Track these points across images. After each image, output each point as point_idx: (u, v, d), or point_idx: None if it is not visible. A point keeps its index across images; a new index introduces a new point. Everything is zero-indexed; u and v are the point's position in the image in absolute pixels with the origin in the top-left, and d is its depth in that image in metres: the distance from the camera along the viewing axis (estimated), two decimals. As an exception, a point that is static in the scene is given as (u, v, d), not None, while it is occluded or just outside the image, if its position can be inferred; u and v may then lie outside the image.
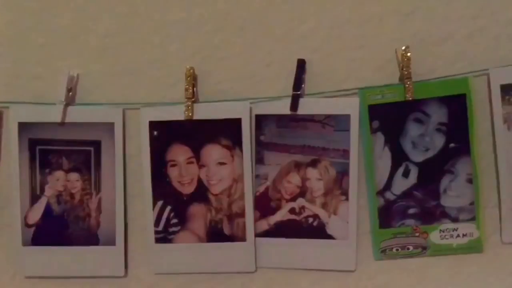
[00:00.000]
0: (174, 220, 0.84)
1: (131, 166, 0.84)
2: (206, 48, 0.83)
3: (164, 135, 0.83)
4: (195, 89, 0.82)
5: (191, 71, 0.82)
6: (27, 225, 0.84)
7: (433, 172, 0.81)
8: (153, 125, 0.83)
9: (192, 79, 0.82)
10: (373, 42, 0.81)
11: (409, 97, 0.79)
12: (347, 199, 0.82)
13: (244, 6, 0.82)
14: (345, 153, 0.81)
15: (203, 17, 0.83)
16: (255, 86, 0.83)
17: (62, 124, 0.83)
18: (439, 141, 0.80)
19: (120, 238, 0.84)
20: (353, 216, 0.82)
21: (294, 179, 0.82)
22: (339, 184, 0.82)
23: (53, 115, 0.82)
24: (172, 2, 0.83)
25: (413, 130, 0.80)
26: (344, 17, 0.81)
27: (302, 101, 0.82)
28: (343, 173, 0.81)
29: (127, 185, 0.85)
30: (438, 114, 0.80)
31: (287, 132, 0.82)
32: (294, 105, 0.81)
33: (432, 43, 0.81)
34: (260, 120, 0.82)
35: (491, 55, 0.80)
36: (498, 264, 0.83)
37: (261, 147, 0.83)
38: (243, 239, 0.83)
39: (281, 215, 0.83)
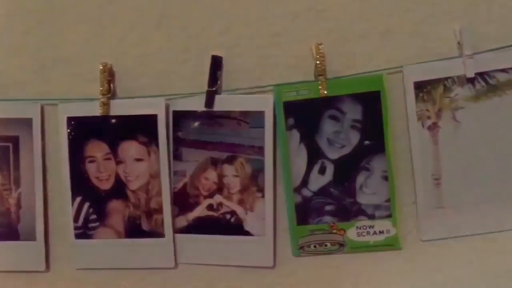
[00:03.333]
0: (93, 216, 0.84)
1: (50, 162, 0.85)
2: (124, 44, 0.83)
3: (82, 131, 0.83)
4: (112, 85, 0.82)
5: (107, 67, 0.81)
6: None
7: (348, 169, 0.81)
8: (71, 120, 0.83)
9: (108, 75, 0.82)
10: (288, 39, 0.81)
11: (323, 94, 0.79)
12: (263, 196, 0.82)
13: (160, 3, 0.82)
14: (261, 150, 0.81)
15: (120, 13, 0.82)
16: (172, 83, 0.83)
17: (-20, 119, 0.83)
18: (354, 138, 0.80)
19: (40, 233, 0.84)
20: (270, 212, 0.82)
21: (211, 175, 0.83)
22: (255, 180, 0.82)
23: (-29, 110, 0.83)
24: (88, -2, 0.83)
25: (328, 127, 0.80)
26: (259, 14, 0.81)
27: (218, 98, 0.81)
28: (259, 170, 0.81)
29: (47, 181, 0.84)
30: (353, 111, 0.80)
31: (204, 128, 0.82)
32: (209, 102, 0.81)
33: (348, 40, 0.80)
34: (178, 117, 0.82)
35: (406, 53, 0.79)
36: (417, 261, 0.83)
37: (178, 143, 0.83)
38: (161, 235, 0.83)
39: (199, 212, 0.83)
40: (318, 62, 0.79)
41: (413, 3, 0.79)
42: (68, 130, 0.83)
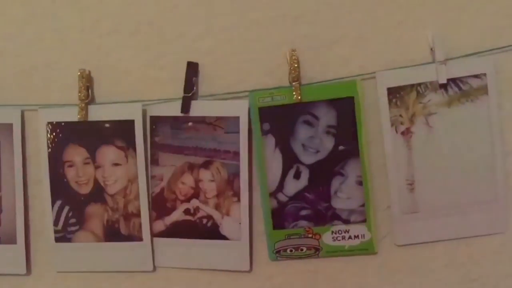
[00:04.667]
0: (73, 220, 0.85)
1: (30, 166, 0.86)
2: (102, 51, 0.84)
3: (61, 136, 0.84)
4: (90, 91, 0.83)
5: (85, 73, 0.83)
6: None
7: (323, 174, 0.82)
8: (51, 126, 0.84)
9: (86, 81, 0.83)
10: (263, 45, 0.82)
11: (297, 99, 0.80)
12: (239, 200, 0.82)
13: (137, 10, 0.83)
14: (236, 155, 0.82)
15: (98, 20, 0.84)
16: (150, 88, 0.84)
17: (-38, 124, 0.84)
18: (328, 143, 0.81)
19: (21, 236, 0.86)
20: (245, 217, 0.83)
21: (188, 180, 0.84)
22: (231, 185, 0.82)
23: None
24: (67, 5, 0.84)
25: (302, 132, 0.81)
26: (235, 20, 0.82)
27: (194, 103, 0.83)
28: (235, 174, 0.82)
29: (27, 185, 0.86)
30: (327, 117, 0.81)
31: (180, 133, 0.83)
32: (185, 107, 0.82)
33: (322, 46, 0.81)
34: (155, 122, 0.84)
35: (379, 59, 0.80)
36: (392, 266, 0.84)
37: (156, 148, 0.84)
38: (139, 239, 0.84)
39: (176, 216, 0.84)
40: (292, 68, 0.80)
41: (386, 9, 0.80)
42: (48, 135, 0.84)
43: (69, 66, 0.84)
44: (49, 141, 0.84)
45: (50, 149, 0.84)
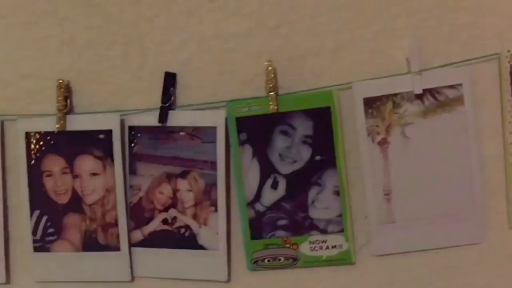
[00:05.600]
0: (51, 229, 0.85)
1: (10, 176, 0.86)
2: (81, 61, 0.84)
3: (40, 146, 0.84)
4: (69, 101, 0.84)
5: (63, 83, 0.83)
6: None
7: (300, 184, 0.82)
8: (29, 136, 0.84)
9: (65, 91, 0.83)
10: (241, 56, 0.82)
11: (273, 109, 0.80)
12: (216, 210, 0.82)
13: (116, 21, 0.83)
14: (213, 164, 0.82)
15: (77, 31, 0.84)
16: (128, 99, 0.84)
17: None
18: (305, 153, 0.81)
19: (0, 246, 0.86)
20: (223, 227, 0.83)
21: (166, 190, 0.84)
22: (208, 195, 0.83)
23: None
24: (47, 16, 0.84)
25: (279, 142, 0.81)
26: (213, 30, 0.82)
27: (172, 113, 0.83)
28: (212, 184, 0.82)
29: (6, 194, 0.86)
30: (304, 127, 0.81)
31: (158, 143, 0.83)
32: (162, 117, 0.82)
33: (299, 56, 0.81)
34: (133, 132, 0.84)
35: (356, 69, 0.80)
36: (370, 276, 0.84)
37: (134, 158, 0.84)
38: (117, 248, 0.84)
39: (154, 226, 0.84)
40: (268, 78, 0.80)
41: (363, 20, 0.80)
42: (27, 145, 0.84)
43: (48, 76, 0.85)
44: (28, 151, 0.84)
45: (29, 159, 0.84)
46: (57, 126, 0.83)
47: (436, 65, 0.79)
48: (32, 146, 0.84)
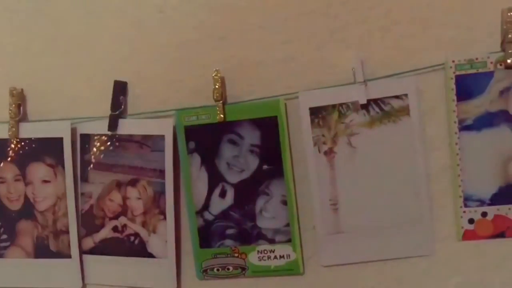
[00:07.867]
0: (4, 236, 0.86)
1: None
2: (34, 70, 0.86)
3: (-7, 153, 0.85)
4: (21, 108, 0.85)
5: (16, 90, 0.84)
6: None
7: (248, 193, 0.82)
8: (-16, 143, 0.85)
9: (17, 98, 0.84)
10: (191, 65, 0.83)
11: (220, 118, 0.81)
12: (165, 218, 0.83)
13: (68, 30, 0.85)
14: (162, 173, 0.82)
15: (30, 40, 0.85)
16: (80, 107, 0.85)
17: None
18: (253, 162, 0.81)
19: (-46, 252, 0.87)
20: (171, 235, 0.83)
21: (116, 197, 0.84)
22: (157, 203, 0.83)
23: None
24: (0, 25, 0.86)
25: (227, 151, 0.82)
26: (163, 40, 0.83)
27: (122, 121, 0.84)
28: (161, 192, 0.83)
29: (-37, 202, 0.87)
30: (251, 136, 0.81)
31: (109, 151, 0.84)
32: (112, 125, 0.83)
33: (247, 66, 0.82)
34: (85, 140, 0.85)
35: (304, 79, 0.80)
36: (319, 287, 0.83)
37: (86, 165, 0.85)
38: (68, 255, 0.85)
39: (105, 233, 0.85)
40: (215, 87, 0.81)
41: (310, 30, 0.80)
42: (-19, 152, 0.86)
43: (1, 84, 0.86)
44: (-19, 158, 0.85)
45: (-18, 166, 0.85)
46: (9, 133, 0.84)
47: (381, 75, 0.78)
48: (-14, 153, 0.85)
